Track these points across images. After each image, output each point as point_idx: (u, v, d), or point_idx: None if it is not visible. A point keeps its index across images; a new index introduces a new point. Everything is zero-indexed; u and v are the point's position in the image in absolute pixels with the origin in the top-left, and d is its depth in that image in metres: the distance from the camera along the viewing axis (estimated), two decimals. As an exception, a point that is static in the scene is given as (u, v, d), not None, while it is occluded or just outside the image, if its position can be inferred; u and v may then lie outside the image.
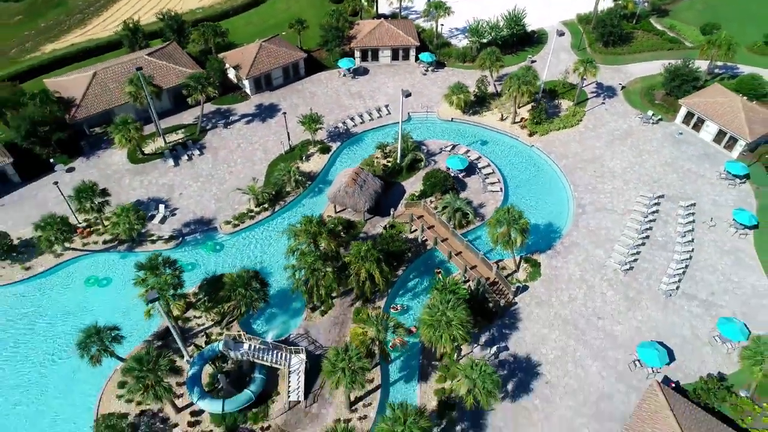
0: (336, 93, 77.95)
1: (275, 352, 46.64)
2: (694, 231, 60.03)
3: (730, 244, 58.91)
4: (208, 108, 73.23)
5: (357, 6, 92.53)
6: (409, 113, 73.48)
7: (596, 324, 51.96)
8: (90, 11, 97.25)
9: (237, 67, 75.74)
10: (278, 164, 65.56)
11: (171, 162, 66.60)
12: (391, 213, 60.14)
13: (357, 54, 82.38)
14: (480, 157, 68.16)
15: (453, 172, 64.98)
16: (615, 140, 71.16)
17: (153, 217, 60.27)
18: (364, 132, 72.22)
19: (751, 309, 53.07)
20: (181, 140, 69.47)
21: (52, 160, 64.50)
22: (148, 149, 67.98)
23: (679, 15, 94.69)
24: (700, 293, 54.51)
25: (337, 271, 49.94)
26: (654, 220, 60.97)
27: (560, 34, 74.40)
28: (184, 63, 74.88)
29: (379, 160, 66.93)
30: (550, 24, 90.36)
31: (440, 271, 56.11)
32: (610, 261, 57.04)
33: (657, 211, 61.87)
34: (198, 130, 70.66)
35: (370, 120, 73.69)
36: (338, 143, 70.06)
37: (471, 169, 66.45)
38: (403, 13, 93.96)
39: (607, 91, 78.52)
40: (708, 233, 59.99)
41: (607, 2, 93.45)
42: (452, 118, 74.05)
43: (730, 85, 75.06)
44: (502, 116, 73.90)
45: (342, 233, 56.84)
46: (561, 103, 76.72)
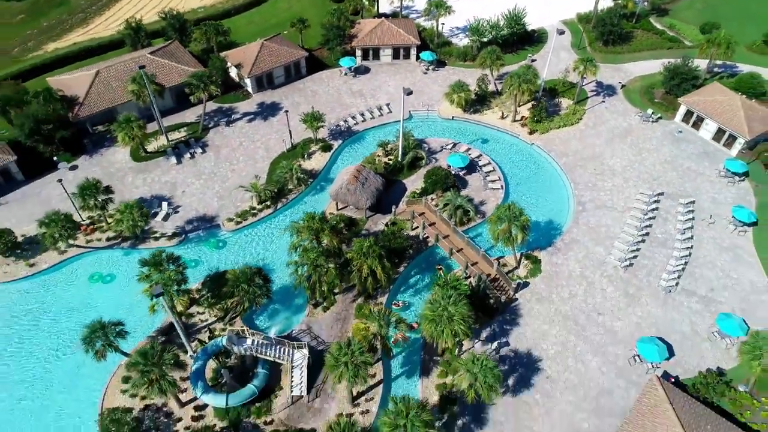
0: (337, 92, 78.34)
1: (278, 347, 47.08)
2: (693, 228, 60.43)
3: (729, 241, 59.31)
4: (210, 106, 73.60)
5: (358, 5, 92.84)
6: (410, 111, 73.88)
7: (596, 320, 52.37)
8: (92, 10, 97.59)
9: (239, 66, 76.12)
10: (280, 162, 65.98)
11: (174, 160, 67.00)
12: (393, 210, 60.53)
13: (358, 53, 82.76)
14: (481, 155, 68.57)
15: (454, 169, 65.33)
16: (615, 138, 71.57)
17: (156, 214, 60.64)
18: (365, 130, 72.64)
19: (750, 305, 53.49)
20: (183, 138, 69.88)
21: (55, 158, 64.88)
22: (151, 147, 68.34)
23: (678, 14, 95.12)
24: (700, 289, 54.92)
25: (339, 267, 50.37)
26: (654, 218, 61.37)
27: (560, 33, 74.79)
28: (186, 62, 75.25)
29: (381, 158, 67.33)
30: (550, 23, 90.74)
31: (441, 267, 56.51)
32: (610, 258, 57.44)
33: (657, 209, 62.27)
34: (200, 128, 71.04)
35: (371, 118, 74.09)
36: (340, 141, 70.46)
37: (472, 167, 66.84)
38: (403, 12, 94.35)
39: (607, 90, 78.92)
40: (707, 230, 60.39)
41: (607, 2, 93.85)
42: (453, 117, 74.45)
43: (729, 84, 75.48)
44: (502, 114, 74.30)
45: (344, 230, 57.20)
46: (561, 101, 77.14)
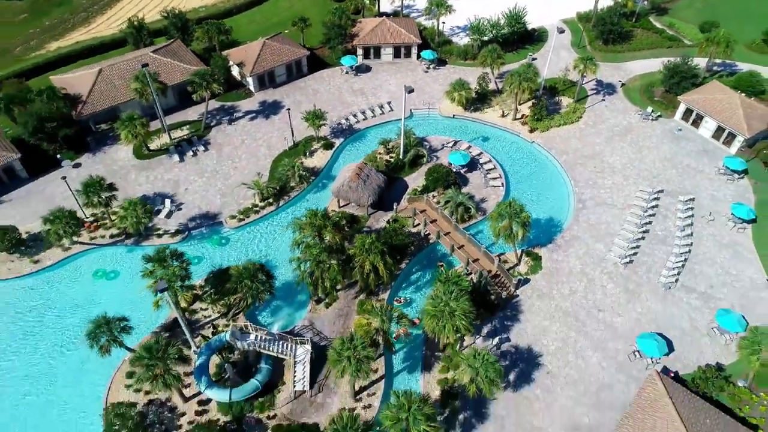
0: (338, 90, 78.74)
1: (281, 342, 47.46)
2: (693, 225, 60.83)
3: (728, 238, 59.72)
4: (212, 105, 73.93)
5: (359, 4, 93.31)
6: (411, 110, 74.24)
7: (596, 316, 52.77)
8: (94, 9, 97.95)
9: (241, 65, 76.49)
10: (282, 160, 66.37)
11: (176, 158, 67.39)
12: (394, 207, 60.93)
13: (359, 52, 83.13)
14: (481, 152, 68.96)
15: (455, 167, 65.72)
16: (615, 136, 71.97)
17: (159, 211, 61.00)
18: (366, 128, 73.04)
19: (749, 301, 53.89)
20: (186, 136, 70.25)
21: (58, 156, 65.30)
22: (154, 145, 68.72)
23: (678, 13, 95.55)
24: (699, 286, 55.32)
25: (342, 264, 50.75)
26: (653, 215, 61.77)
27: (560, 32, 75.14)
28: (189, 60, 75.65)
29: (382, 155, 67.72)
30: (551, 22, 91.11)
31: (443, 264, 56.89)
32: (611, 254, 57.83)
33: (656, 206, 62.68)
34: (203, 126, 71.43)
35: (372, 117, 74.49)
36: (341, 139, 70.84)
37: (473, 164, 67.24)
38: (404, 11, 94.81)
39: (606, 89, 79.33)
40: (707, 227, 60.80)
41: (607, 1, 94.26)
42: (454, 115, 74.85)
43: (728, 83, 75.87)
44: (503, 113, 74.69)
45: (346, 227, 57.60)
46: (561, 100, 77.54)
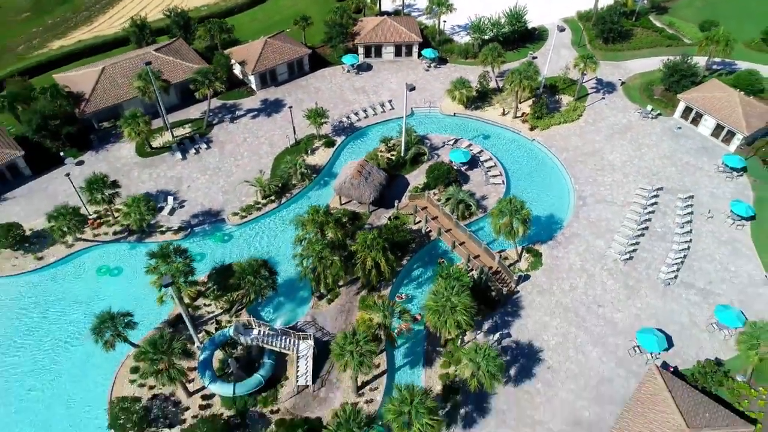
0: (340, 88, 79.14)
1: (284, 337, 47.90)
2: (692, 222, 61.23)
3: (727, 235, 60.14)
4: (214, 103, 74.34)
5: (360, 3, 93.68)
6: (412, 108, 74.62)
7: (597, 311, 53.21)
8: (96, 8, 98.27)
9: (243, 63, 76.89)
10: (284, 158, 66.76)
11: (179, 155, 67.79)
12: (395, 204, 61.34)
13: (360, 50, 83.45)
14: (482, 150, 69.35)
15: (456, 165, 66.12)
16: (615, 134, 72.36)
17: (162, 209, 61.41)
18: (368, 126, 73.46)
19: (748, 297, 54.33)
20: (188, 134, 70.67)
21: (61, 154, 65.66)
22: (156, 143, 69.10)
23: (677, 12, 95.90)
24: (698, 282, 55.76)
25: (344, 260, 51.15)
26: (653, 212, 62.18)
27: (561, 30, 75.67)
28: (191, 59, 76.04)
29: (383, 153, 68.08)
30: (551, 21, 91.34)
31: (443, 261, 57.25)
32: (610, 251, 58.25)
33: (656, 203, 63.08)
34: (205, 124, 71.82)
35: (373, 115, 74.89)
36: (343, 137, 71.24)
37: (473, 162, 67.65)
38: (405, 10, 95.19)
39: (606, 87, 79.72)
40: (706, 224, 61.21)
41: (607, 0, 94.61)
42: (454, 113, 75.27)
43: (727, 81, 76.16)
44: (503, 111, 75.10)
45: (347, 224, 57.99)
46: (561, 98, 77.91)
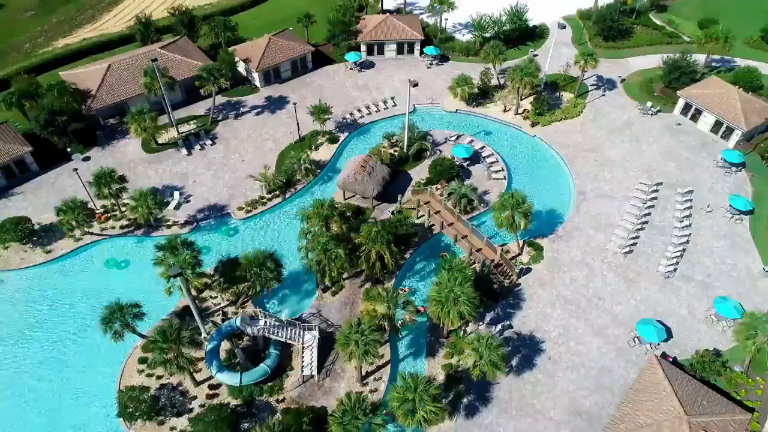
0: (343, 86, 79.95)
1: (289, 328, 48.67)
2: (691, 216, 61.99)
3: (726, 229, 60.89)
4: (218, 100, 75.08)
5: (363, 1, 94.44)
6: (414, 105, 75.34)
7: (597, 304, 54.00)
8: (100, 7, 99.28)
9: (247, 61, 77.73)
10: (288, 153, 67.61)
11: (184, 151, 68.65)
12: (398, 199, 62.15)
13: (363, 48, 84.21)
14: (484, 146, 70.14)
15: (458, 160, 66.92)
16: (615, 131, 73.14)
17: (168, 203, 62.22)
18: (371, 123, 74.26)
19: (746, 290, 55.10)
20: (193, 131, 71.46)
21: (68, 150, 66.45)
22: (162, 139, 69.86)
23: (677, 10, 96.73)
24: (697, 275, 56.52)
25: (348, 253, 51.89)
26: (653, 206, 62.96)
27: (562, 27, 76.42)
28: (196, 56, 76.87)
29: (386, 149, 68.84)
30: (552, 19, 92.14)
31: (446, 254, 58.06)
32: (611, 244, 59.02)
33: (656, 198, 63.86)
34: (209, 120, 72.66)
35: (376, 111, 75.70)
36: (346, 134, 72.06)
37: (475, 158, 68.44)
38: (407, 8, 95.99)
39: (607, 84, 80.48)
40: (705, 219, 61.96)
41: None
42: (456, 110, 76.10)
43: (727, 78, 76.93)
44: (505, 108, 75.88)
45: (351, 218, 58.79)
46: (562, 95, 78.70)
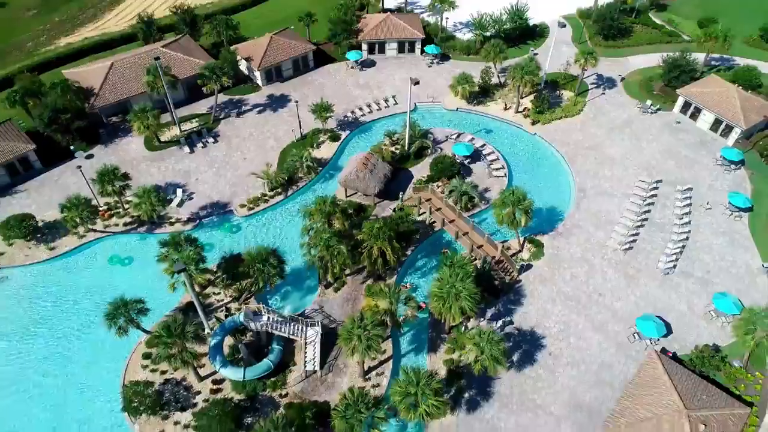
0: (344, 84, 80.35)
1: (292, 324, 49.05)
2: (690, 214, 62.39)
3: (725, 226, 61.30)
4: (220, 98, 75.37)
5: (364, 0, 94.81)
6: (415, 103, 75.70)
7: (597, 300, 54.41)
8: (102, 6, 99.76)
9: (248, 59, 78.14)
10: (290, 151, 68.01)
11: (186, 149, 69.03)
12: (400, 196, 62.53)
13: (364, 47, 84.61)
14: (485, 144, 70.52)
15: (459, 158, 67.30)
16: (615, 129, 73.53)
17: (171, 201, 62.59)
18: (372, 121, 74.66)
19: (745, 286, 55.51)
20: (195, 129, 71.84)
21: (71, 148, 66.91)
22: (164, 137, 70.25)
23: (677, 9, 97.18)
24: (697, 272, 56.93)
25: (350, 249, 52.28)
26: (652, 204, 63.37)
27: (562, 26, 76.75)
28: (198, 55, 77.26)
29: (387, 147, 69.16)
30: (552, 18, 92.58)
31: (447, 251, 58.43)
32: (611, 241, 59.41)
33: (655, 195, 64.26)
34: (212, 119, 73.05)
35: (377, 110, 76.10)
36: (347, 132, 72.45)
37: (476, 155, 68.83)
38: (408, 7, 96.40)
39: (607, 83, 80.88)
40: (704, 216, 62.36)
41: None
42: (457, 108, 76.50)
43: (726, 77, 77.35)
44: (505, 106, 76.27)
45: (353, 216, 59.16)
46: (562, 93, 79.11)
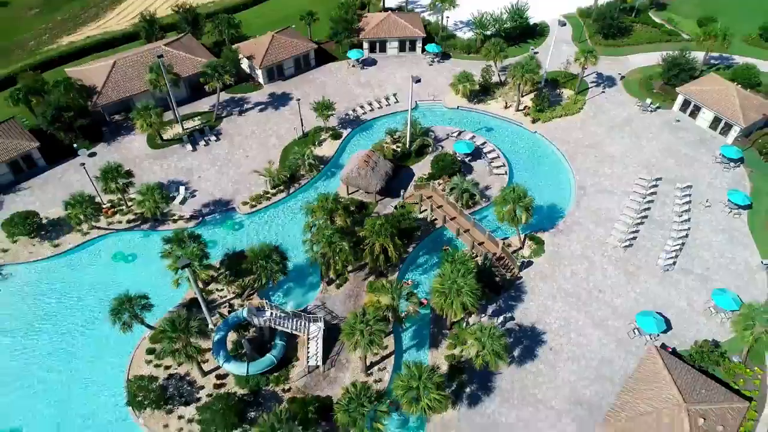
0: (345, 83, 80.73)
1: (295, 320, 49.48)
2: (690, 211, 62.81)
3: (724, 223, 61.71)
4: (222, 96, 75.79)
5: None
6: (416, 101, 76.09)
7: (597, 296, 54.84)
8: (104, 5, 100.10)
9: (250, 58, 78.51)
10: (292, 149, 68.40)
11: (189, 147, 69.40)
12: (401, 194, 62.93)
13: (365, 46, 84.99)
14: (485, 142, 70.93)
15: (459, 156, 67.67)
16: (615, 127, 73.95)
17: (173, 198, 62.99)
18: (373, 119, 75.05)
19: (745, 283, 55.93)
20: (198, 127, 72.24)
21: (75, 146, 67.21)
22: (167, 135, 70.66)
23: (676, 8, 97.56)
24: (696, 269, 57.35)
25: (352, 246, 52.66)
26: (652, 201, 63.78)
27: (562, 25, 77.18)
28: (200, 54, 77.55)
29: (389, 145, 69.59)
30: (552, 17, 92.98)
31: (448, 248, 58.85)
32: (611, 238, 59.82)
33: (655, 193, 64.66)
34: (214, 117, 73.43)
35: (378, 108, 76.49)
36: (349, 130, 72.85)
37: (477, 153, 69.22)
38: (409, 6, 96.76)
39: (607, 81, 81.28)
40: (704, 213, 62.77)
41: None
42: (458, 106, 76.88)
43: (725, 75, 77.76)
44: (506, 104, 76.67)
45: (355, 213, 59.54)
46: (562, 92, 79.50)
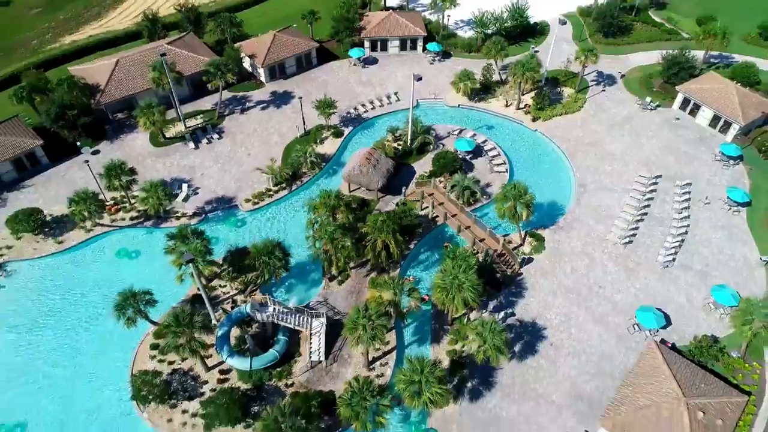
0: (347, 81, 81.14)
1: (297, 315, 49.90)
2: (689, 208, 63.22)
3: (724, 220, 62.11)
4: (224, 95, 76.19)
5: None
6: (417, 100, 76.43)
7: (597, 292, 55.25)
8: (106, 4, 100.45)
9: (252, 56, 78.91)
10: (294, 147, 68.79)
11: (191, 145, 69.82)
12: (403, 191, 63.33)
13: (366, 44, 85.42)
14: (486, 140, 71.35)
15: (461, 153, 68.10)
16: (615, 125, 74.34)
17: (176, 195, 63.35)
18: (374, 117, 75.46)
19: (744, 279, 56.35)
20: (200, 125, 72.65)
21: (78, 143, 67.60)
22: (169, 133, 71.08)
23: (676, 8, 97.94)
24: (696, 265, 57.76)
25: (354, 242, 53.07)
26: (652, 198, 64.17)
27: (562, 23, 77.59)
28: (202, 52, 77.91)
29: (390, 143, 70.03)
30: (552, 16, 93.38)
31: (449, 245, 59.23)
32: (611, 235, 60.22)
33: (655, 190, 65.06)
34: (216, 115, 73.84)
35: (380, 106, 76.88)
36: (350, 128, 73.25)
37: (478, 151, 69.63)
38: (410, 5, 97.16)
39: (607, 80, 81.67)
40: (703, 210, 63.19)
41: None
42: (459, 105, 77.28)
43: (724, 74, 78.13)
44: (506, 102, 77.08)
45: (357, 210, 59.92)
46: (563, 90, 79.87)
